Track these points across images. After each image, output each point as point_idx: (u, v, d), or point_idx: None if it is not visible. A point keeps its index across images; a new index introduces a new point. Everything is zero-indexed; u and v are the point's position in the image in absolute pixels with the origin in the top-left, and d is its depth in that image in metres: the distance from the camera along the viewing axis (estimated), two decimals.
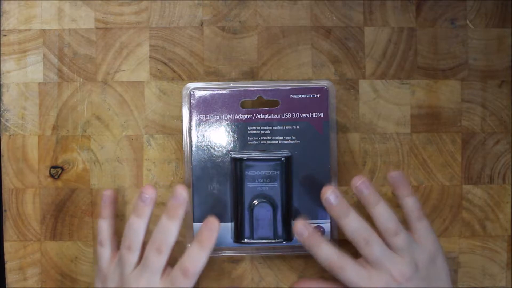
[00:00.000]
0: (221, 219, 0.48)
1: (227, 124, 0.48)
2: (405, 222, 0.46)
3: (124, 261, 0.45)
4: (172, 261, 0.45)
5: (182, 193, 0.44)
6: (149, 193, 0.45)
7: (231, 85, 0.49)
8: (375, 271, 0.44)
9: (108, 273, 0.46)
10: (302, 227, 0.45)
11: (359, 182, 0.45)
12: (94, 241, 0.50)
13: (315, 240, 0.45)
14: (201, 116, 0.48)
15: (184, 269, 0.44)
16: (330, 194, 0.45)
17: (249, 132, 0.48)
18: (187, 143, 0.48)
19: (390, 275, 0.44)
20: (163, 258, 0.44)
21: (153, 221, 0.50)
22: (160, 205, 0.50)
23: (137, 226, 0.45)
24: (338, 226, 0.45)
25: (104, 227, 0.47)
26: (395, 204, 0.50)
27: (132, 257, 0.45)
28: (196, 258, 0.44)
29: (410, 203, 0.46)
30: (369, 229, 0.45)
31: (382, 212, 0.45)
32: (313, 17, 0.50)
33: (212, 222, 0.44)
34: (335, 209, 0.45)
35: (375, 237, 0.45)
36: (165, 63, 0.50)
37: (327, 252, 0.45)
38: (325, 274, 0.48)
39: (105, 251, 0.47)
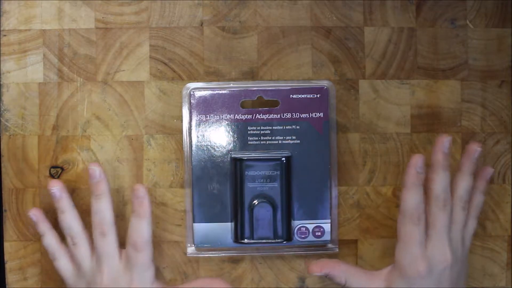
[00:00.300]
0: (221, 219, 0.48)
1: (227, 124, 0.48)
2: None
3: (77, 259, 0.45)
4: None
5: (97, 171, 0.45)
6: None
7: (231, 85, 0.49)
8: (432, 243, 0.44)
9: (76, 282, 0.46)
10: (422, 163, 0.44)
11: (447, 139, 0.45)
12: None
13: (420, 181, 0.44)
14: (201, 116, 0.48)
15: (133, 244, 0.44)
16: (446, 141, 0.45)
17: (249, 132, 0.48)
18: (187, 143, 0.48)
19: (443, 254, 0.44)
20: (109, 238, 0.45)
21: (152, 220, 0.50)
22: (161, 205, 0.50)
23: (68, 221, 0.46)
24: (431, 175, 0.45)
25: (51, 242, 0.46)
26: (395, 204, 0.50)
27: (81, 251, 0.45)
28: (139, 228, 0.45)
29: (478, 200, 0.47)
30: (451, 197, 0.45)
31: (466, 184, 0.45)
32: (313, 17, 0.50)
33: (138, 189, 0.44)
34: (445, 156, 0.45)
35: (451, 208, 0.45)
36: (165, 63, 0.50)
37: (419, 200, 0.44)
38: (326, 280, 0.48)
39: (62, 263, 0.46)
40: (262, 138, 0.48)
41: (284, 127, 0.48)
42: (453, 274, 0.44)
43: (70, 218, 0.46)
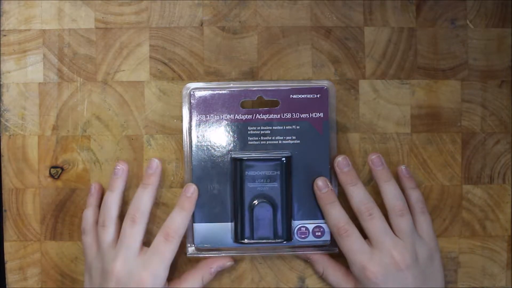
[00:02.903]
0: (221, 219, 0.48)
1: (227, 124, 0.48)
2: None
3: (100, 240, 0.46)
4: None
5: (156, 162, 0.47)
6: (121, 165, 0.48)
7: (231, 85, 0.49)
8: (377, 251, 0.44)
9: (92, 262, 0.46)
10: (323, 182, 0.47)
11: (375, 156, 0.47)
12: None
13: (332, 198, 0.46)
14: (201, 116, 0.48)
15: (165, 232, 0.45)
16: (342, 160, 0.47)
17: (249, 132, 0.48)
18: (187, 143, 0.48)
19: (392, 257, 0.44)
20: (138, 228, 0.46)
21: (152, 220, 0.50)
22: (161, 206, 0.50)
23: (110, 201, 0.47)
24: (346, 193, 0.46)
25: (88, 216, 0.48)
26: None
27: (106, 234, 0.46)
28: (177, 218, 0.46)
29: (415, 195, 0.48)
30: (374, 204, 0.46)
31: (392, 189, 0.46)
32: (313, 17, 0.50)
33: (189, 188, 0.47)
34: (346, 174, 0.47)
35: (379, 212, 0.46)
36: (165, 63, 0.50)
37: (339, 213, 0.46)
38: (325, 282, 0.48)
39: (88, 238, 0.47)
40: (262, 138, 0.48)
41: (284, 127, 0.48)
42: (417, 273, 0.44)
43: (114, 199, 0.47)
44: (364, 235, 0.46)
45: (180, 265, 0.50)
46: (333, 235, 0.47)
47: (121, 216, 0.47)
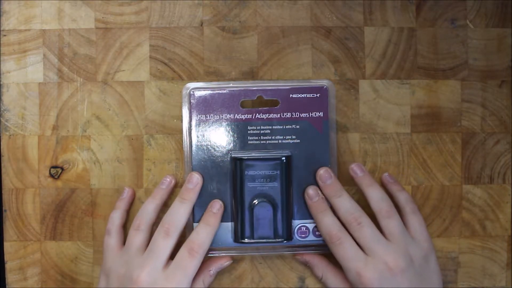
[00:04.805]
0: (221, 219, 0.48)
1: (227, 124, 0.48)
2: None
3: (130, 241, 0.46)
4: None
5: (196, 177, 0.47)
6: (169, 178, 0.48)
7: (231, 85, 0.49)
8: (371, 258, 0.44)
9: (112, 264, 0.46)
10: (314, 191, 0.47)
11: (354, 164, 0.48)
12: (94, 241, 0.50)
13: (323, 206, 0.47)
14: (201, 116, 0.48)
15: (189, 247, 0.45)
16: (324, 173, 0.47)
17: (249, 131, 0.48)
18: (187, 143, 0.48)
19: (385, 263, 0.44)
20: (170, 242, 0.45)
21: (157, 225, 0.50)
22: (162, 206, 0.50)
23: (150, 207, 0.47)
24: (332, 205, 0.46)
25: (115, 218, 0.48)
26: (395, 204, 0.50)
27: (138, 237, 0.46)
28: (202, 235, 0.46)
29: (403, 196, 0.48)
30: (362, 212, 0.46)
31: (376, 192, 0.46)
32: (313, 17, 0.50)
33: (215, 204, 0.47)
34: (329, 187, 0.47)
35: (368, 220, 0.46)
36: (165, 63, 0.50)
37: (331, 221, 0.46)
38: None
39: (112, 240, 0.47)
40: (262, 137, 0.48)
41: (284, 127, 0.48)
42: (412, 276, 0.44)
43: (155, 207, 0.47)
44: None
45: None
46: (326, 244, 0.46)
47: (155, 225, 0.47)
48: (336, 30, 0.50)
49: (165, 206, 0.49)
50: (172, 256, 0.45)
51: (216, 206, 0.47)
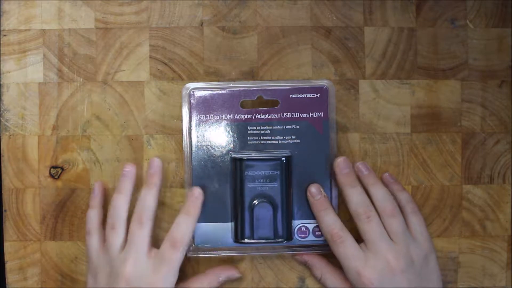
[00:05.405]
0: (221, 219, 0.48)
1: (227, 124, 0.48)
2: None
3: (109, 242, 0.46)
4: None
5: (156, 161, 0.47)
6: (129, 167, 0.48)
7: (231, 85, 0.49)
8: (372, 255, 0.44)
9: (98, 263, 0.46)
10: (317, 189, 0.47)
11: (359, 163, 0.48)
12: None
13: (325, 205, 0.47)
14: (201, 116, 0.48)
15: (171, 239, 0.45)
16: (343, 161, 0.47)
17: (249, 132, 0.48)
18: (187, 143, 0.48)
19: (386, 261, 0.44)
20: (145, 230, 0.45)
21: (157, 225, 0.50)
22: (161, 205, 0.50)
23: (119, 203, 0.47)
24: (344, 195, 0.46)
25: (92, 217, 0.48)
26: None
27: (116, 237, 0.46)
28: (183, 225, 0.46)
29: (404, 196, 0.48)
30: (373, 208, 0.46)
31: (381, 191, 0.46)
32: (313, 17, 0.50)
33: (195, 190, 0.46)
34: (345, 176, 0.47)
35: (377, 217, 0.46)
36: (165, 63, 0.50)
37: (332, 220, 0.46)
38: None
39: (93, 240, 0.47)
40: (262, 138, 0.48)
41: (284, 127, 0.48)
42: (412, 277, 0.44)
43: (122, 202, 0.47)
44: (358, 241, 0.46)
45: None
46: (327, 242, 0.46)
47: (128, 218, 0.47)
48: (336, 30, 0.50)
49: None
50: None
51: (195, 194, 0.47)
